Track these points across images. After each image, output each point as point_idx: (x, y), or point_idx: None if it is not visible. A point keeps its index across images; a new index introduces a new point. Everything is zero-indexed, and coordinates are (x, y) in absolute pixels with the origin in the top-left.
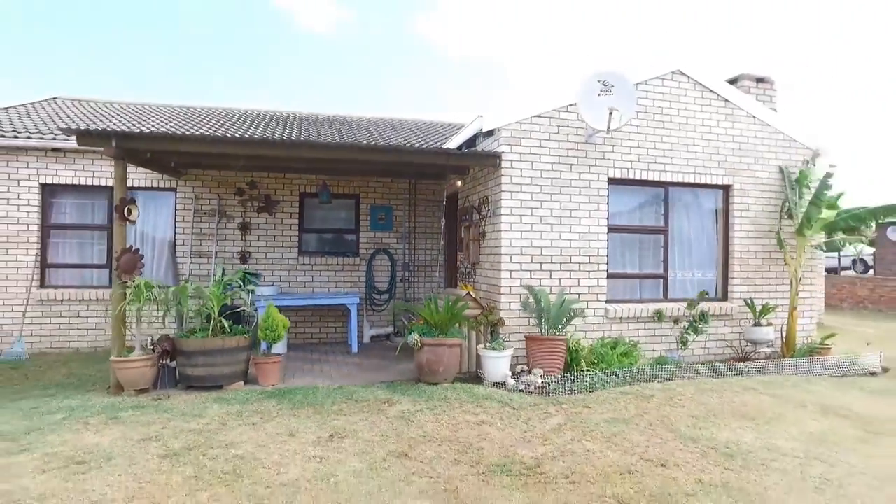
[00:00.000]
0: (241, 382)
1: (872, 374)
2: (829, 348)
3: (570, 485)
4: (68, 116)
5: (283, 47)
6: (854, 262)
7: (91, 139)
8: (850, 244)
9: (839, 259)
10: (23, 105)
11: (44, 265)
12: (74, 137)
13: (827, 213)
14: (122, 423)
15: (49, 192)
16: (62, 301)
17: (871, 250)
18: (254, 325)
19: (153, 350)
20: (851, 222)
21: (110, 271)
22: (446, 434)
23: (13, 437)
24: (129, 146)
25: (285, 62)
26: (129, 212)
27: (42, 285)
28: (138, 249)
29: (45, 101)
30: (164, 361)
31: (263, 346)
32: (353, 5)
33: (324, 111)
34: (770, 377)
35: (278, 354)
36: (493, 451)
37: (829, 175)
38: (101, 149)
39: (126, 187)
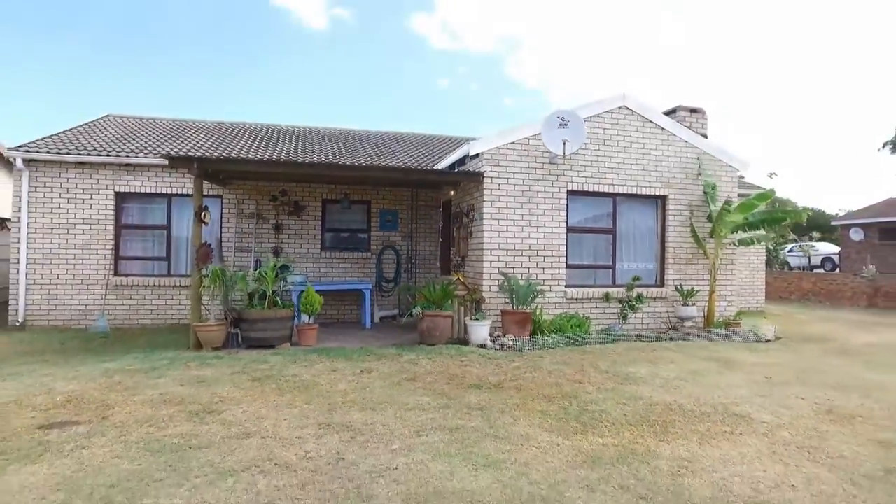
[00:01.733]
0: (288, 344)
1: (767, 341)
2: (739, 323)
3: (516, 391)
4: (127, 134)
5: (281, 46)
6: (823, 261)
7: (178, 162)
8: (799, 244)
9: (809, 258)
10: (84, 125)
11: (117, 257)
12: (143, 154)
13: (734, 217)
14: (212, 366)
15: (121, 198)
16: (132, 286)
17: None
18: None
19: (225, 319)
20: (749, 227)
21: (168, 263)
22: (440, 370)
23: (145, 371)
24: (204, 167)
25: (281, 60)
26: (205, 216)
27: (116, 274)
28: (210, 244)
29: (100, 119)
30: (231, 328)
31: (304, 318)
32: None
33: (335, 125)
34: (687, 342)
35: (315, 324)
36: (471, 377)
37: (730, 186)
38: (185, 168)
39: (202, 196)
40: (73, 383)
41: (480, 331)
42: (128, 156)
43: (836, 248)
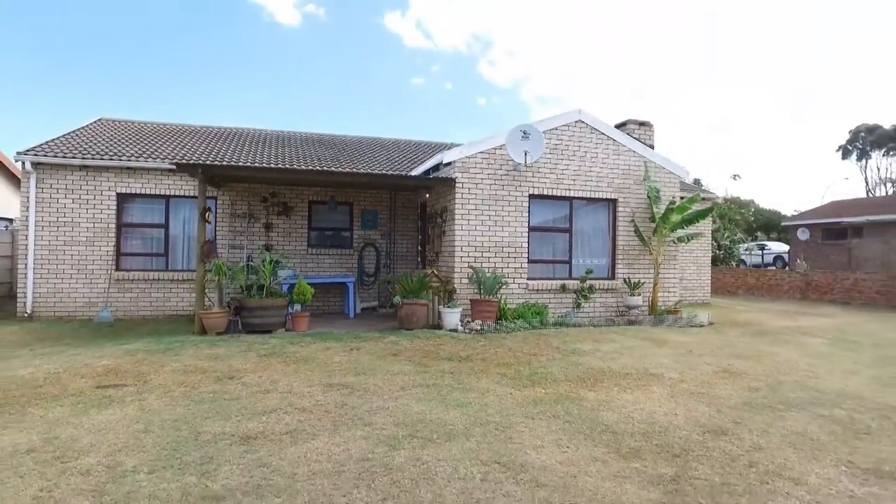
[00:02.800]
0: (283, 329)
1: (700, 325)
2: (679, 311)
3: (481, 361)
4: (123, 138)
5: (252, 40)
6: (775, 259)
7: (185, 168)
8: (746, 244)
9: (762, 257)
10: (81, 128)
11: (118, 254)
12: (143, 158)
13: (673, 218)
14: (221, 346)
15: (122, 199)
16: (132, 280)
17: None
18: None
19: (227, 307)
20: (684, 225)
21: (166, 259)
22: (418, 348)
23: (162, 351)
24: (207, 173)
25: (253, 54)
26: (207, 216)
27: (117, 269)
28: (214, 241)
29: (94, 123)
30: (232, 316)
31: (296, 307)
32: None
33: (318, 131)
34: (632, 327)
35: (307, 312)
36: (444, 352)
37: (672, 191)
38: (189, 174)
39: (205, 198)
40: (105, 360)
41: (452, 317)
42: (129, 160)
43: (787, 247)
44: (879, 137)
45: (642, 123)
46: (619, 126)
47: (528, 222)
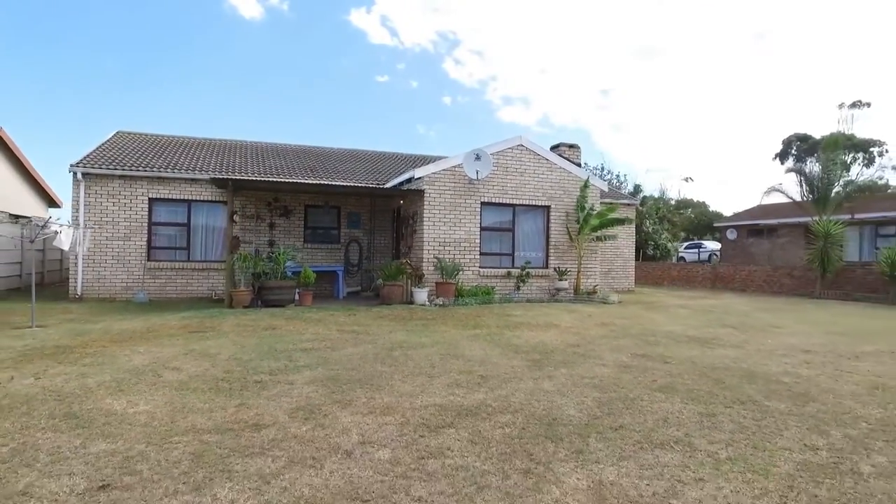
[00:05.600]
0: (293, 304)
1: (611, 303)
2: (596, 292)
3: (441, 320)
4: (147, 150)
5: (214, 32)
6: (709, 255)
7: (218, 182)
8: (678, 243)
9: (699, 254)
10: (108, 141)
11: (150, 247)
12: (169, 169)
13: (593, 222)
14: (252, 314)
15: (153, 203)
16: (161, 269)
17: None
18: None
19: (252, 286)
20: (600, 228)
21: (188, 251)
22: (398, 314)
23: (211, 317)
24: (235, 185)
25: (214, 47)
26: (235, 218)
27: (149, 259)
28: (239, 237)
29: (114, 136)
30: (254, 294)
31: (299, 289)
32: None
33: (307, 143)
34: (558, 303)
35: (312, 291)
36: (416, 316)
37: (593, 200)
38: (220, 185)
39: (233, 204)
40: (173, 321)
41: (422, 295)
42: (159, 171)
43: (720, 245)
44: (810, 146)
45: (571, 146)
46: (554, 148)
47: (480, 224)
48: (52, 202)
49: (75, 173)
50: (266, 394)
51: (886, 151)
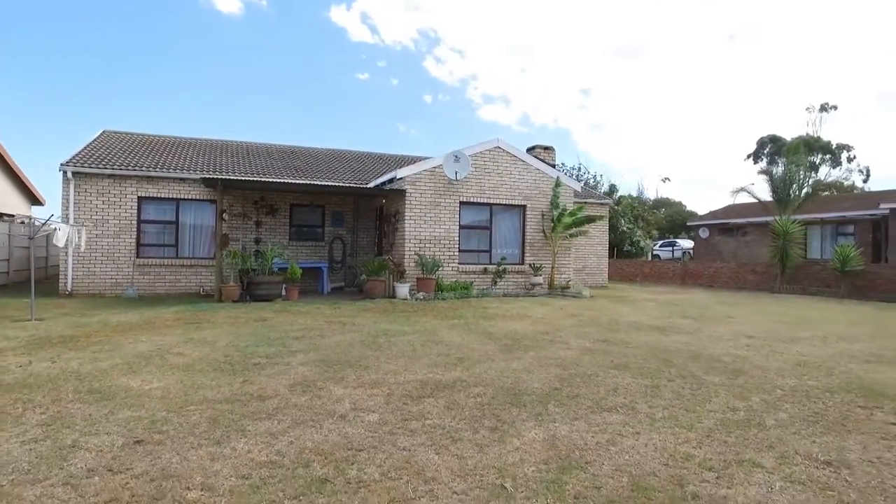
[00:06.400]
0: (281, 299)
1: (583, 297)
2: (569, 287)
3: (422, 312)
4: (134, 150)
5: (191, 28)
6: (683, 253)
7: (209, 182)
8: (653, 241)
9: (672, 252)
10: (95, 141)
11: (139, 244)
12: (157, 169)
13: (566, 220)
14: (242, 308)
15: (142, 201)
16: (150, 265)
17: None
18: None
19: (241, 280)
20: (573, 226)
21: (176, 248)
22: (381, 307)
23: (202, 310)
24: (224, 185)
25: (191, 42)
26: (224, 216)
27: (138, 256)
28: (228, 235)
29: (101, 135)
30: (243, 289)
31: (286, 284)
32: None
33: (286, 139)
34: (533, 297)
35: (298, 286)
36: (398, 309)
37: (566, 199)
38: (210, 185)
39: (224, 203)
40: (167, 314)
41: (403, 289)
42: (147, 170)
43: (692, 243)
44: (779, 147)
45: (546, 148)
46: (530, 150)
47: (459, 222)
48: (35, 200)
49: (65, 172)
50: (265, 373)
51: (854, 157)
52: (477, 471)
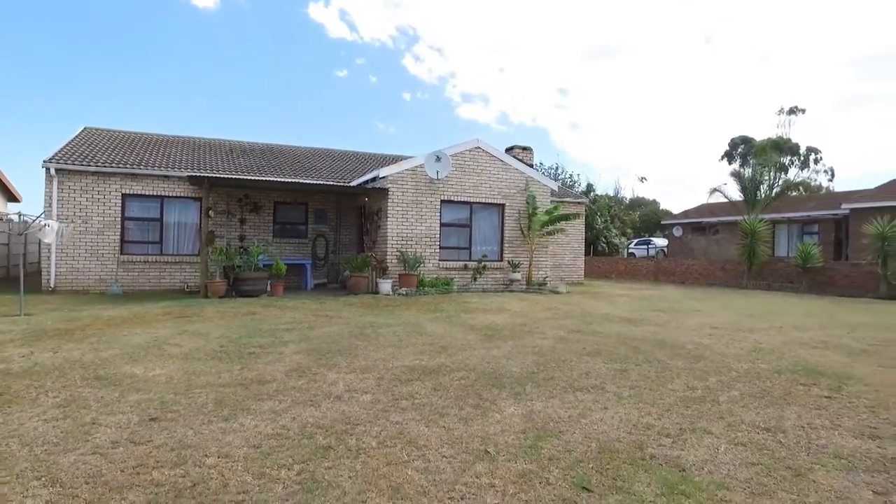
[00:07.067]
0: (266, 294)
1: (559, 293)
2: (546, 283)
3: (405, 306)
4: (116, 147)
5: (167, 23)
6: (657, 251)
7: (195, 180)
8: (628, 239)
9: (647, 250)
10: (76, 138)
11: (123, 241)
12: (141, 166)
13: (542, 218)
14: (229, 303)
15: (126, 198)
16: (134, 262)
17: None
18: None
19: (226, 276)
20: (549, 224)
21: (160, 245)
22: (365, 302)
23: (190, 306)
24: (211, 182)
25: (168, 38)
26: (210, 213)
27: (122, 253)
28: (214, 231)
29: (83, 132)
30: (228, 285)
31: (273, 280)
32: None
33: (270, 140)
34: (511, 293)
35: (283, 282)
36: (381, 304)
37: (543, 198)
38: (196, 183)
39: (210, 201)
40: (154, 309)
41: (386, 285)
42: (132, 168)
43: (667, 242)
44: (751, 149)
45: (524, 148)
46: (508, 150)
47: (440, 220)
48: (11, 197)
49: (48, 169)
50: (261, 361)
51: (821, 158)
52: (463, 440)
